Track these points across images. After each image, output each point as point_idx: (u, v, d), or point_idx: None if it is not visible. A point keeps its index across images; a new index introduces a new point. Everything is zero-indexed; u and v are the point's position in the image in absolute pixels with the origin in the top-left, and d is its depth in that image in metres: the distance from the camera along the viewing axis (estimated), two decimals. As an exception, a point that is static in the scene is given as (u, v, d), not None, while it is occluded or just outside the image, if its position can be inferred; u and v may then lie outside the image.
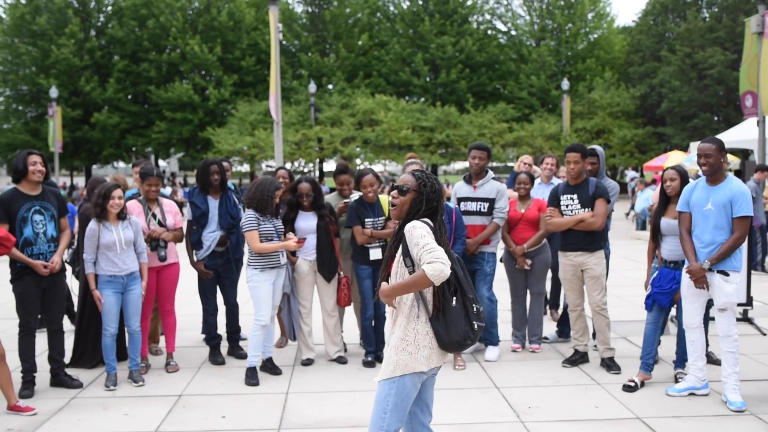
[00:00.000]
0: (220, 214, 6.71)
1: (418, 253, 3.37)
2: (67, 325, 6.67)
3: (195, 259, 6.77)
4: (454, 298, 3.48)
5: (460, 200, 6.85)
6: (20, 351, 5.89)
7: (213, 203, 6.75)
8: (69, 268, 7.03)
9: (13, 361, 5.99)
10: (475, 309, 3.51)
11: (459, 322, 3.46)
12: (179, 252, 6.84)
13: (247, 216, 6.20)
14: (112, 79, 41.42)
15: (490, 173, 6.92)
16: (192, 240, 6.75)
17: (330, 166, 45.94)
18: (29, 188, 5.83)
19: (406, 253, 3.46)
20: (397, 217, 3.60)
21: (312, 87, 35.96)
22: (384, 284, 3.55)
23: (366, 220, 6.53)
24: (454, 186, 7.10)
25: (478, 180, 6.83)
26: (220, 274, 6.84)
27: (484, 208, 6.75)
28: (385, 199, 6.79)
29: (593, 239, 6.38)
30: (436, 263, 3.29)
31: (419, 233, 3.41)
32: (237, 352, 7.01)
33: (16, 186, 5.85)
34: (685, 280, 5.54)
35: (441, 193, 3.62)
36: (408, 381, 3.48)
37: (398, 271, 3.52)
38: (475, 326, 3.50)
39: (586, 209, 6.34)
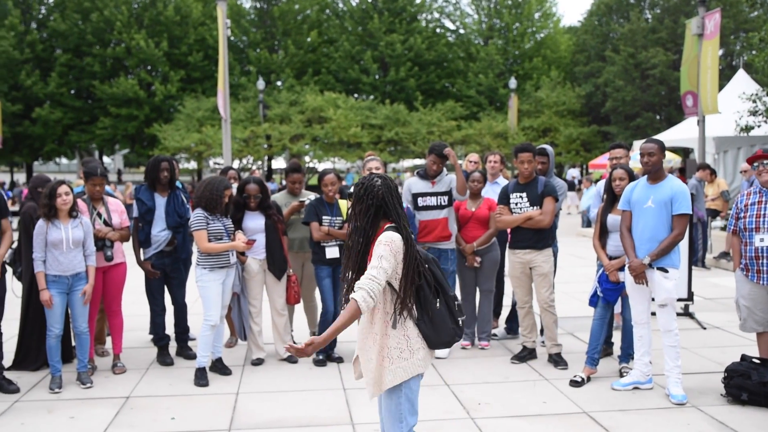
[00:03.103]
0: (167, 212, 6.62)
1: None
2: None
3: (142, 258, 6.67)
4: (438, 299, 3.51)
5: (416, 196, 6.88)
6: (-39, 354, 5.73)
7: (160, 201, 6.66)
8: (9, 269, 6.85)
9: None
10: (456, 306, 3.57)
11: (446, 323, 3.52)
12: (126, 251, 6.73)
13: (196, 215, 6.14)
14: (55, 73, 40.29)
15: (445, 170, 7.01)
16: (139, 238, 6.65)
17: (279, 163, 45.62)
18: (-31, 187, 5.66)
19: None
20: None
21: (260, 84, 35.59)
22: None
23: (324, 218, 6.56)
24: (407, 182, 7.11)
25: (436, 177, 6.91)
26: (167, 274, 6.75)
27: (444, 201, 6.84)
28: (343, 203, 6.81)
29: (541, 237, 6.49)
30: (364, 295, 3.35)
31: (379, 252, 3.45)
32: (186, 353, 6.93)
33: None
34: (629, 277, 5.69)
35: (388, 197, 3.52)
36: (413, 383, 3.55)
37: None
38: (460, 322, 3.58)
39: (535, 207, 6.45)
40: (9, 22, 38.95)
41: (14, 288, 6.45)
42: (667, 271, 5.51)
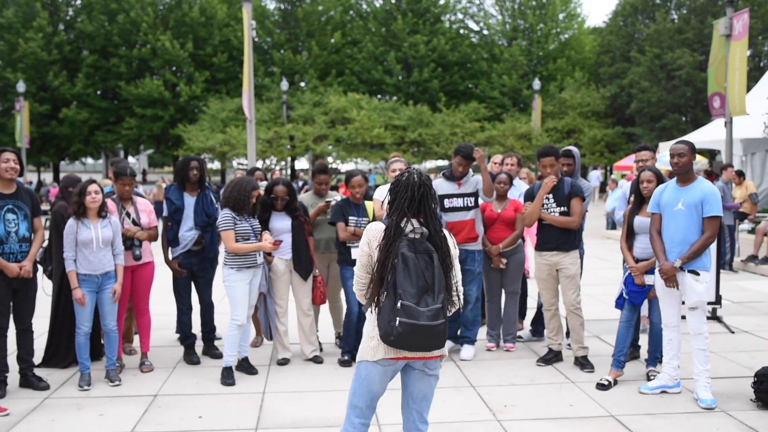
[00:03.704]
0: (196, 212, 6.67)
1: None
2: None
3: (170, 257, 6.73)
4: (385, 293, 3.49)
5: (443, 197, 6.86)
6: (-8, 351, 5.81)
7: (189, 200, 6.72)
8: (40, 268, 6.94)
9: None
10: (400, 305, 3.40)
11: (384, 317, 3.46)
12: (153, 251, 6.79)
13: (224, 215, 6.19)
14: (81, 74, 40.81)
15: (471, 171, 6.99)
16: (168, 237, 6.72)
17: (301, 164, 45.79)
18: (2, 186, 5.75)
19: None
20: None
21: (284, 84, 35.77)
22: None
23: (350, 218, 6.58)
24: (434, 184, 7.06)
25: (462, 178, 6.88)
26: (194, 273, 6.81)
27: (470, 202, 6.81)
28: (369, 204, 6.82)
29: (568, 239, 6.46)
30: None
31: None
32: (212, 352, 6.97)
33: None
34: (659, 280, 5.64)
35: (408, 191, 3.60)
36: (362, 368, 3.63)
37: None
38: (397, 322, 3.39)
39: (562, 208, 6.43)
40: (37, 24, 39.51)
41: (44, 286, 6.53)
42: (698, 274, 5.45)
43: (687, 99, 35.29)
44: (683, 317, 5.75)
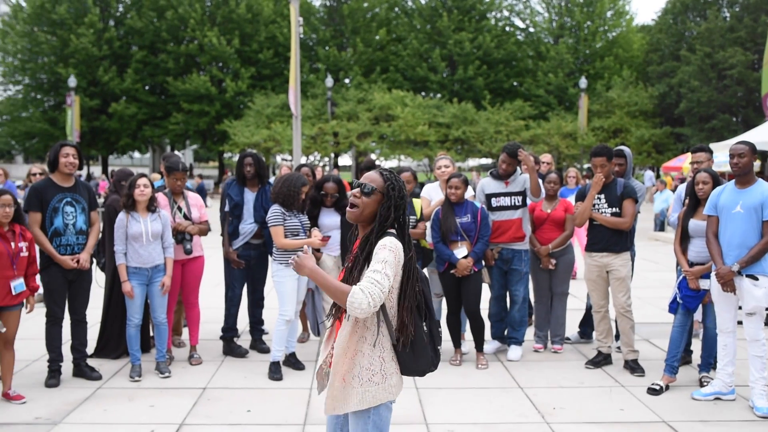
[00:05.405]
0: (255, 207, 6.74)
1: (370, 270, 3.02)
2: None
3: (230, 249, 6.79)
4: (424, 323, 3.19)
5: (490, 196, 6.81)
6: (47, 341, 5.96)
7: (249, 195, 6.80)
8: (94, 260, 7.08)
9: (40, 350, 6.10)
10: (439, 332, 3.25)
11: (426, 349, 3.18)
12: (204, 245, 6.86)
13: (273, 211, 6.22)
14: (130, 69, 41.54)
15: (519, 169, 6.92)
16: (228, 230, 6.79)
17: (345, 160, 45.93)
18: (61, 179, 5.89)
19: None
20: (355, 220, 3.24)
21: (329, 81, 35.92)
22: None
23: None
24: (481, 182, 7.05)
25: (509, 177, 6.83)
26: (251, 266, 6.87)
27: (518, 201, 6.75)
28: (417, 201, 6.81)
29: (619, 240, 6.36)
30: (362, 296, 2.93)
31: (383, 256, 3.04)
32: (259, 346, 7.03)
33: (50, 176, 5.93)
34: (716, 284, 5.51)
35: (406, 200, 3.24)
36: (383, 410, 3.18)
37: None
38: (439, 351, 3.26)
39: (614, 209, 6.34)
40: (88, 20, 40.29)
41: (97, 278, 6.65)
42: (757, 279, 5.30)
43: (738, 99, 34.49)
44: (739, 323, 5.61)
